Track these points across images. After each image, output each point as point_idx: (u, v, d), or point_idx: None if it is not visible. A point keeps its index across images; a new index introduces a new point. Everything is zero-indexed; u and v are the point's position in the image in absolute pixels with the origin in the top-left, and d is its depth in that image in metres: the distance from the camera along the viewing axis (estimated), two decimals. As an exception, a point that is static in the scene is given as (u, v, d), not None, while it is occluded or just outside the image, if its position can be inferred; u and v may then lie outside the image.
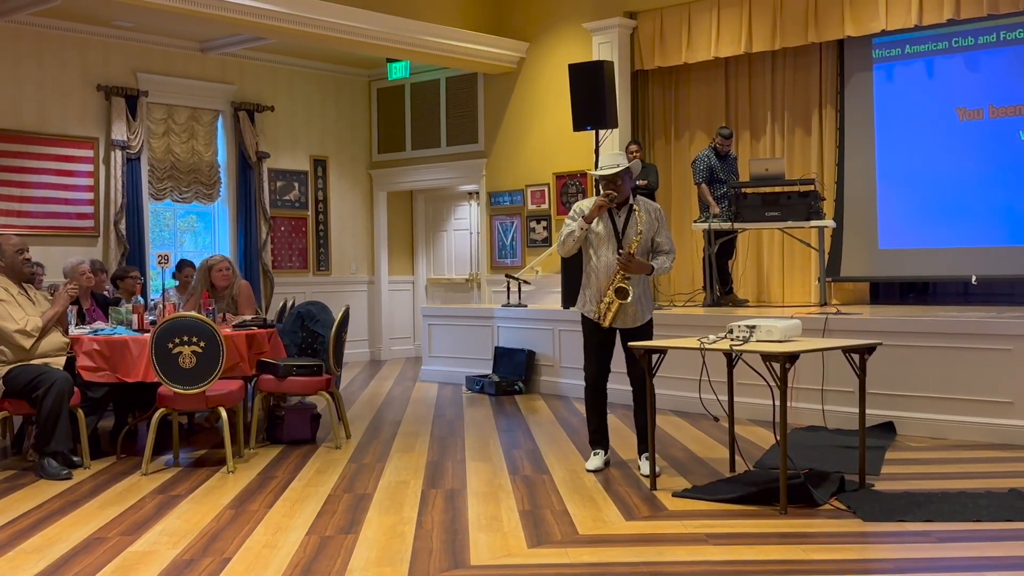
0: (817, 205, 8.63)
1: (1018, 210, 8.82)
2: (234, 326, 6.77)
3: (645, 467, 5.63)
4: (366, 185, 13.02)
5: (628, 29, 10.53)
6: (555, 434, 7.16)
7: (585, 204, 5.82)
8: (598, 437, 5.95)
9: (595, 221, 5.73)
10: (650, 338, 5.77)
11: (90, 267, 7.76)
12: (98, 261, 8.99)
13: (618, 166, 5.66)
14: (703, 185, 9.20)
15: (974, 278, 8.82)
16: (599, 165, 5.82)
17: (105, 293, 8.06)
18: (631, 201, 5.73)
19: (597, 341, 5.82)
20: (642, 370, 5.50)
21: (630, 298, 5.60)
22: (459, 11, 11.22)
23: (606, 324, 5.70)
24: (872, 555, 4.34)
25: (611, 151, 6.03)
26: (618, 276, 5.62)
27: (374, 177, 13.00)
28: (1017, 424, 6.48)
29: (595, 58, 10.29)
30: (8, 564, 4.20)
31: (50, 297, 6.37)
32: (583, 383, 5.96)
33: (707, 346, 5.18)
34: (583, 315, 5.85)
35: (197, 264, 8.26)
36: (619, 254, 5.63)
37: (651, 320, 5.85)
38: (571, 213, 5.85)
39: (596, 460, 5.90)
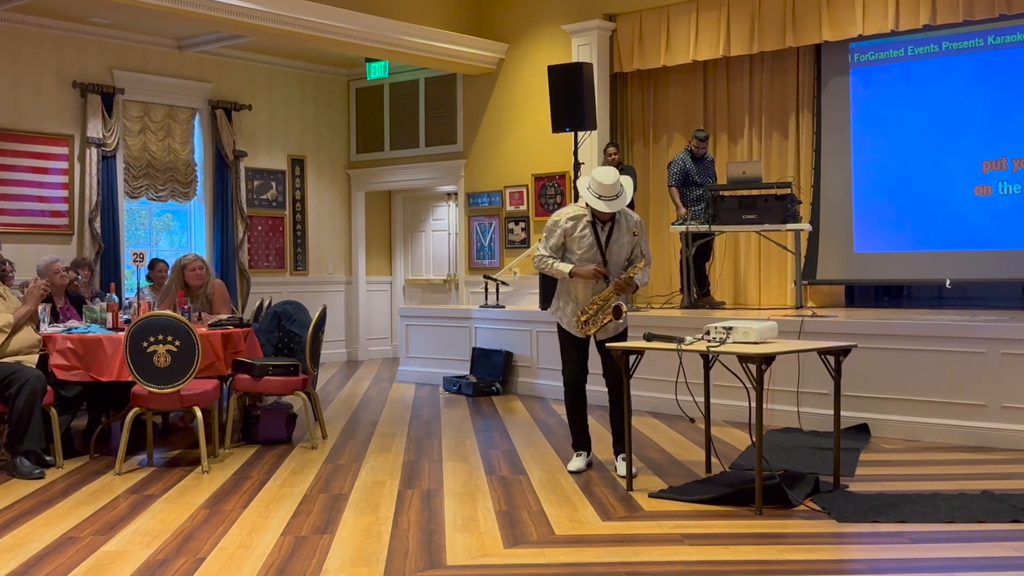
0: (794, 208, 8.68)
1: (992, 215, 8.90)
2: (210, 325, 6.73)
3: (622, 468, 5.64)
4: (344, 185, 12.98)
5: (607, 31, 10.56)
6: (532, 435, 7.16)
7: (566, 216, 5.71)
8: (581, 439, 5.94)
9: (578, 228, 5.69)
10: (625, 341, 5.77)
11: (72, 265, 7.68)
12: (85, 259, 8.95)
13: (617, 197, 5.52)
14: (674, 188, 9.26)
15: (948, 282, 8.90)
16: (595, 191, 5.49)
17: (82, 293, 7.98)
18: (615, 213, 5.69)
19: (574, 344, 5.82)
20: (617, 371, 5.50)
21: (623, 316, 5.61)
22: (438, 12, 11.20)
23: (589, 334, 5.70)
24: (846, 555, 4.37)
25: (607, 172, 5.52)
26: (612, 296, 5.61)
27: (352, 177, 12.96)
28: (990, 426, 6.54)
29: (574, 60, 10.32)
30: (-21, 564, 4.17)
31: (22, 295, 6.31)
32: (560, 384, 5.96)
33: (684, 347, 5.19)
34: (563, 327, 5.84)
35: (170, 262, 8.21)
36: (611, 277, 5.61)
37: (626, 328, 5.85)
38: (551, 224, 5.75)
39: (578, 461, 5.89)
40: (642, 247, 5.73)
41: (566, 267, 5.65)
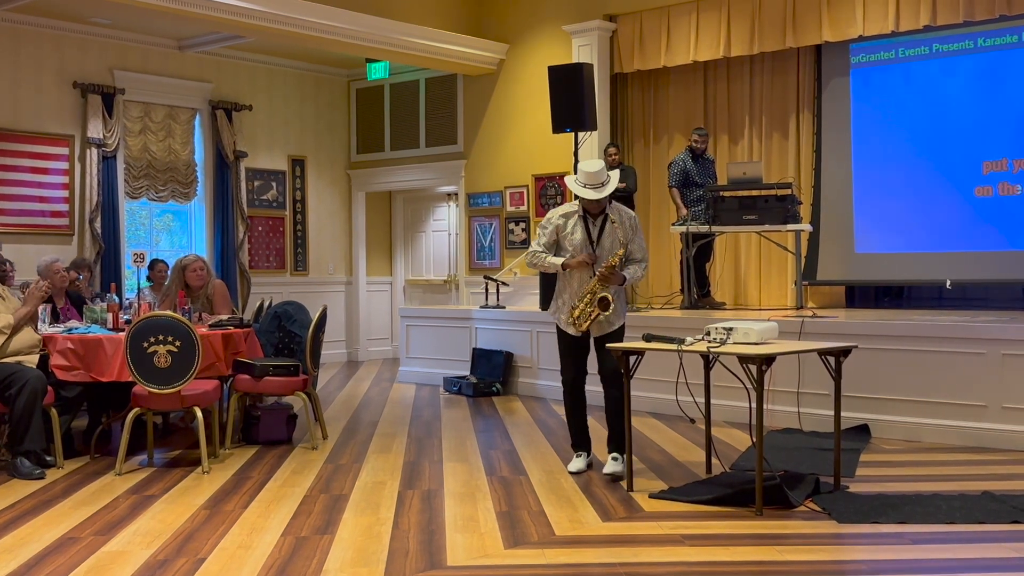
0: (794, 209, 8.68)
1: (992, 215, 8.90)
2: (210, 325, 6.73)
3: (610, 466, 5.63)
4: (344, 185, 12.98)
5: (607, 32, 10.56)
6: (532, 435, 7.16)
7: (558, 213, 5.77)
8: (580, 439, 5.93)
9: (569, 224, 5.72)
10: (622, 339, 5.75)
11: (71, 265, 7.68)
12: (84, 259, 8.93)
13: (603, 184, 5.55)
14: (674, 189, 9.27)
15: (948, 282, 8.90)
16: (582, 180, 5.57)
17: (83, 295, 7.97)
18: (607, 209, 5.70)
19: (572, 344, 5.80)
20: (612, 365, 5.50)
21: (611, 308, 5.58)
22: (439, 12, 11.20)
23: (582, 330, 5.68)
24: (846, 556, 4.37)
25: (593, 162, 5.69)
26: (598, 287, 5.60)
27: (352, 177, 12.97)
28: (990, 427, 6.54)
29: (575, 60, 10.32)
30: (-21, 564, 4.17)
31: (21, 295, 6.31)
32: (560, 385, 5.95)
33: (684, 348, 5.19)
34: (559, 326, 5.83)
35: (170, 263, 8.21)
36: (600, 267, 5.60)
37: (623, 325, 5.81)
38: (544, 222, 5.81)
39: (578, 462, 5.88)
40: (635, 245, 5.68)
41: (558, 260, 5.69)
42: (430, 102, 12.26)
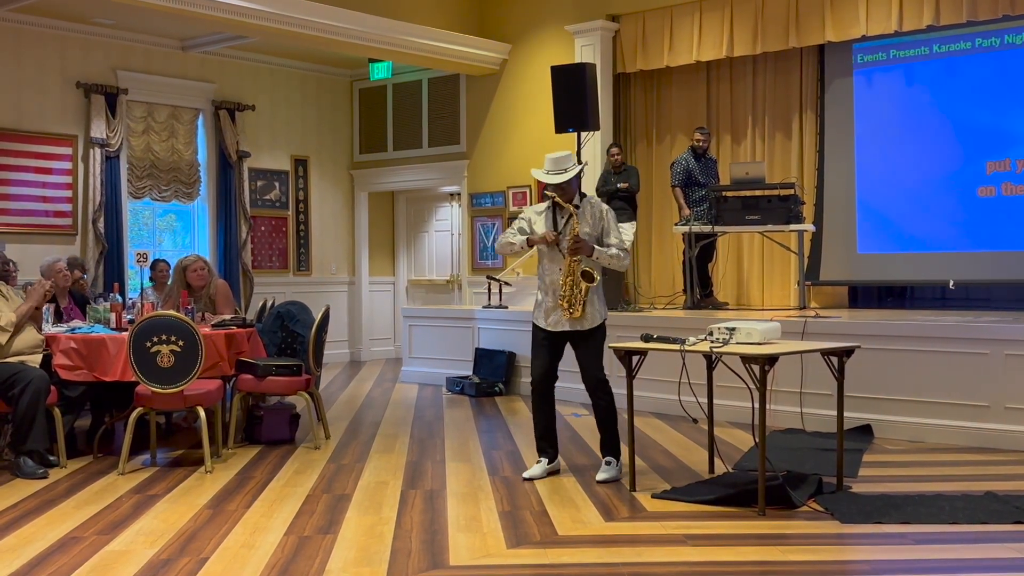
0: (797, 209, 8.68)
1: (995, 215, 8.90)
2: (213, 325, 6.73)
3: (603, 472, 5.61)
4: (347, 185, 12.99)
5: (610, 32, 10.56)
6: (534, 435, 7.14)
7: (532, 211, 5.76)
8: (544, 444, 5.81)
9: (539, 219, 5.69)
10: (602, 342, 5.66)
11: (67, 264, 7.68)
12: (77, 258, 8.93)
13: (565, 171, 5.54)
14: (677, 188, 9.27)
15: (951, 283, 8.89)
16: (545, 167, 5.63)
17: (86, 294, 7.98)
18: (576, 201, 5.61)
19: (544, 340, 5.68)
20: (595, 380, 5.51)
21: (596, 281, 5.50)
22: (442, 12, 11.21)
23: (577, 315, 5.57)
24: (849, 556, 4.37)
25: (559, 151, 5.76)
26: (574, 263, 5.52)
27: (355, 177, 12.97)
28: (993, 427, 6.53)
29: (577, 60, 10.32)
30: (-18, 563, 4.17)
31: (24, 295, 6.31)
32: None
33: (687, 348, 5.19)
34: (534, 321, 5.76)
35: (173, 263, 8.21)
36: (564, 244, 5.52)
37: (603, 324, 5.66)
38: (519, 218, 5.79)
39: (536, 468, 5.75)
40: (611, 237, 5.59)
41: (522, 236, 5.67)
42: (433, 102, 12.26)
